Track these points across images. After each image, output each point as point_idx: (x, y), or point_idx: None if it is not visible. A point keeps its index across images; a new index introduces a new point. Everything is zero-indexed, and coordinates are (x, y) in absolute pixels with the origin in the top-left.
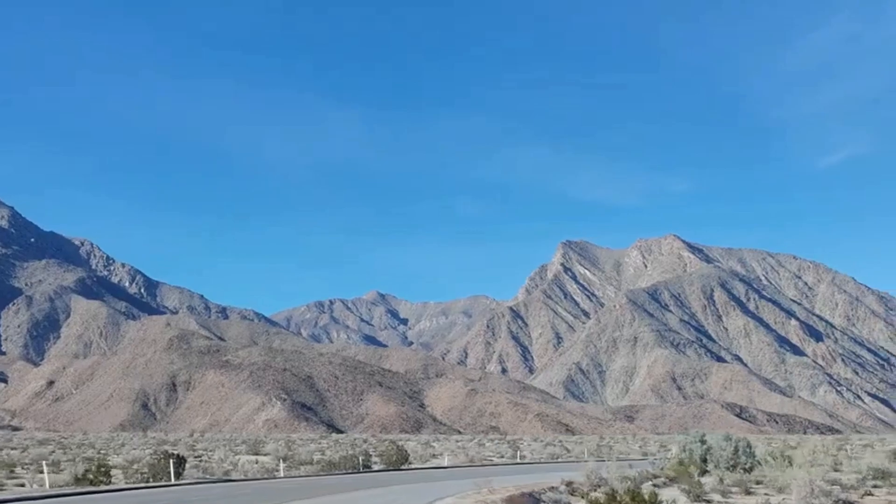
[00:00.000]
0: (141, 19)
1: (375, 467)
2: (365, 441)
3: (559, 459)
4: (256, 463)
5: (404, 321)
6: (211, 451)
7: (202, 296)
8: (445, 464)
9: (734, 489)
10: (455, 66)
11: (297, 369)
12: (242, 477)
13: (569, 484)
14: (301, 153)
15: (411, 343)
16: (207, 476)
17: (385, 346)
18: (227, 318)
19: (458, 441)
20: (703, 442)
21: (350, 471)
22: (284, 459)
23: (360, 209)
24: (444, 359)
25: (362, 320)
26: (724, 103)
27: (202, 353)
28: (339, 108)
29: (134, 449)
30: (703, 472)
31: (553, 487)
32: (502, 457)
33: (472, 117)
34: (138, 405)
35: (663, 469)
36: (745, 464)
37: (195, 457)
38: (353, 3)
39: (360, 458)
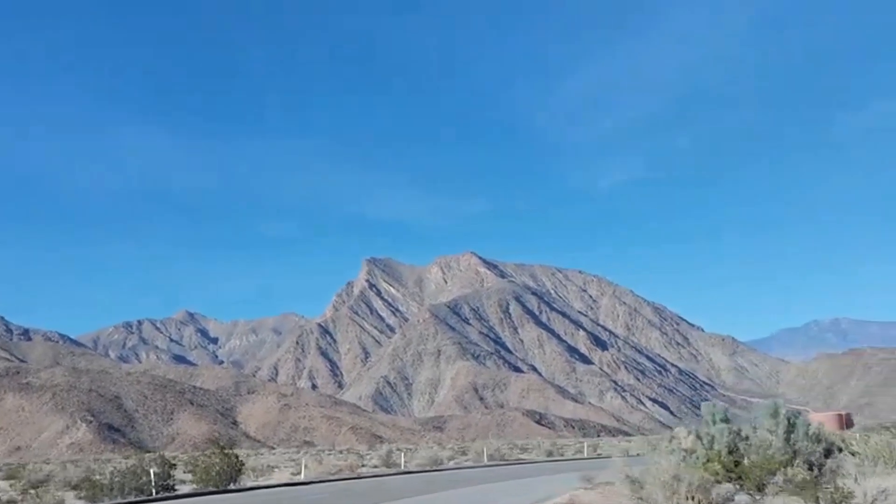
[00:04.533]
0: None
1: (183, 488)
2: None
3: (442, 467)
4: None
5: (214, 340)
6: None
7: (2, 317)
8: (302, 478)
9: None
10: (260, 86)
11: (103, 390)
12: None
13: None
14: (106, 172)
15: (222, 362)
16: None
17: (195, 364)
18: (29, 339)
19: (316, 451)
20: (725, 420)
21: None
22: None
23: (166, 229)
24: (255, 376)
25: (172, 340)
26: (514, 129)
27: (0, 375)
28: (145, 127)
29: None
30: (763, 475)
31: None
32: (376, 466)
33: (276, 137)
34: None
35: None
36: (822, 461)
37: None
38: (156, 21)
39: (153, 472)
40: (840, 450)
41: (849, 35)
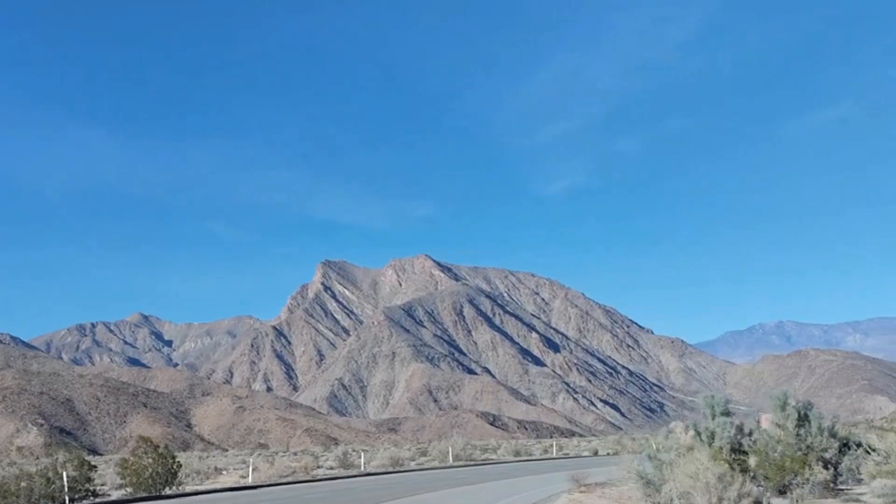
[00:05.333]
0: None
1: (115, 494)
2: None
3: (404, 468)
4: None
5: (169, 343)
6: None
7: None
8: (250, 481)
9: None
10: (211, 86)
11: (55, 392)
12: None
13: None
14: (57, 173)
15: (176, 364)
16: None
17: (150, 367)
18: None
19: (270, 453)
20: (726, 414)
21: None
22: None
23: (119, 231)
24: (209, 378)
25: (126, 343)
26: (467, 133)
27: None
28: (93, 127)
29: None
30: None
31: None
32: (332, 468)
33: (229, 140)
34: None
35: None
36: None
37: None
38: (103, 19)
39: (65, 476)
40: (858, 445)
41: (788, 44)
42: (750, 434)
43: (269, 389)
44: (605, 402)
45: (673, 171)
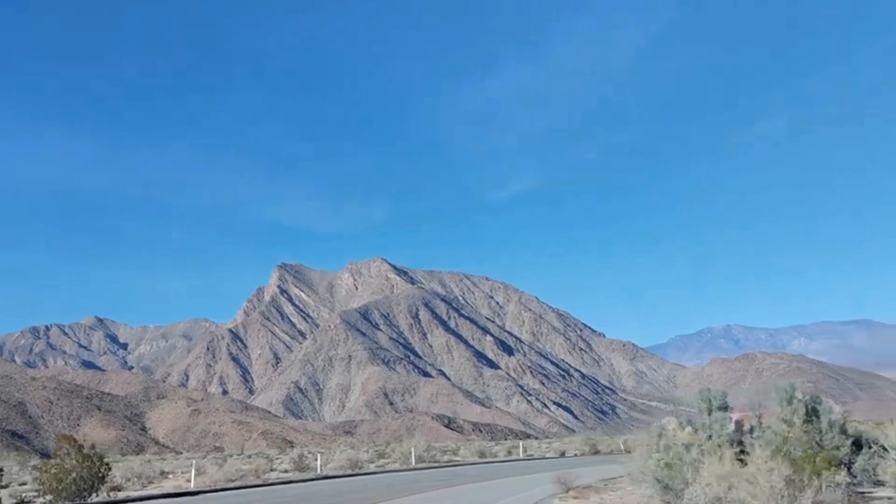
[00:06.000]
0: None
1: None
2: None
3: (364, 471)
4: None
5: (124, 346)
6: None
7: None
8: (192, 486)
9: None
10: (167, 90)
11: (6, 395)
12: None
13: None
14: (9, 176)
15: (132, 367)
16: None
17: (104, 370)
18: None
19: (223, 456)
20: (724, 408)
21: None
22: None
23: (75, 233)
24: (165, 381)
25: (81, 346)
26: (422, 139)
27: None
28: (49, 130)
29: None
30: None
31: None
32: (286, 471)
33: (186, 143)
34: None
35: None
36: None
37: None
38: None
39: None
40: (871, 443)
41: (735, 58)
42: (751, 431)
43: (224, 392)
44: (559, 405)
45: (625, 178)
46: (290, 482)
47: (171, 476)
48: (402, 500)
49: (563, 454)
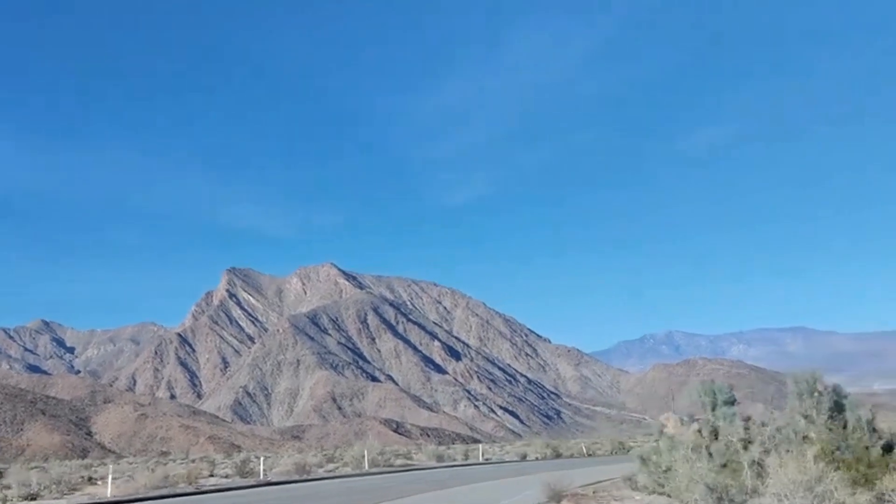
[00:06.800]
0: None
1: None
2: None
3: (312, 476)
4: None
5: (71, 349)
6: None
7: None
8: (108, 496)
9: None
10: (114, 90)
11: None
12: None
13: None
14: None
15: (79, 371)
16: None
17: (50, 374)
18: None
19: (167, 460)
20: (731, 403)
21: None
22: None
23: (19, 235)
24: (112, 385)
25: (26, 349)
26: (371, 144)
27: None
28: None
29: None
30: None
31: None
32: (227, 476)
33: (134, 145)
34: None
35: None
36: None
37: None
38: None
39: None
40: None
41: (681, 63)
42: (763, 425)
43: (172, 397)
44: (505, 410)
45: (572, 185)
46: (229, 489)
47: (99, 483)
48: None
49: (524, 457)
